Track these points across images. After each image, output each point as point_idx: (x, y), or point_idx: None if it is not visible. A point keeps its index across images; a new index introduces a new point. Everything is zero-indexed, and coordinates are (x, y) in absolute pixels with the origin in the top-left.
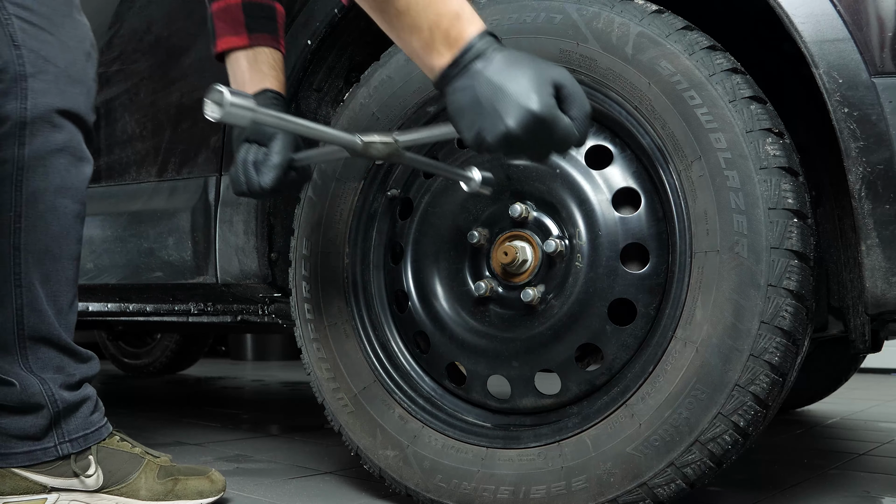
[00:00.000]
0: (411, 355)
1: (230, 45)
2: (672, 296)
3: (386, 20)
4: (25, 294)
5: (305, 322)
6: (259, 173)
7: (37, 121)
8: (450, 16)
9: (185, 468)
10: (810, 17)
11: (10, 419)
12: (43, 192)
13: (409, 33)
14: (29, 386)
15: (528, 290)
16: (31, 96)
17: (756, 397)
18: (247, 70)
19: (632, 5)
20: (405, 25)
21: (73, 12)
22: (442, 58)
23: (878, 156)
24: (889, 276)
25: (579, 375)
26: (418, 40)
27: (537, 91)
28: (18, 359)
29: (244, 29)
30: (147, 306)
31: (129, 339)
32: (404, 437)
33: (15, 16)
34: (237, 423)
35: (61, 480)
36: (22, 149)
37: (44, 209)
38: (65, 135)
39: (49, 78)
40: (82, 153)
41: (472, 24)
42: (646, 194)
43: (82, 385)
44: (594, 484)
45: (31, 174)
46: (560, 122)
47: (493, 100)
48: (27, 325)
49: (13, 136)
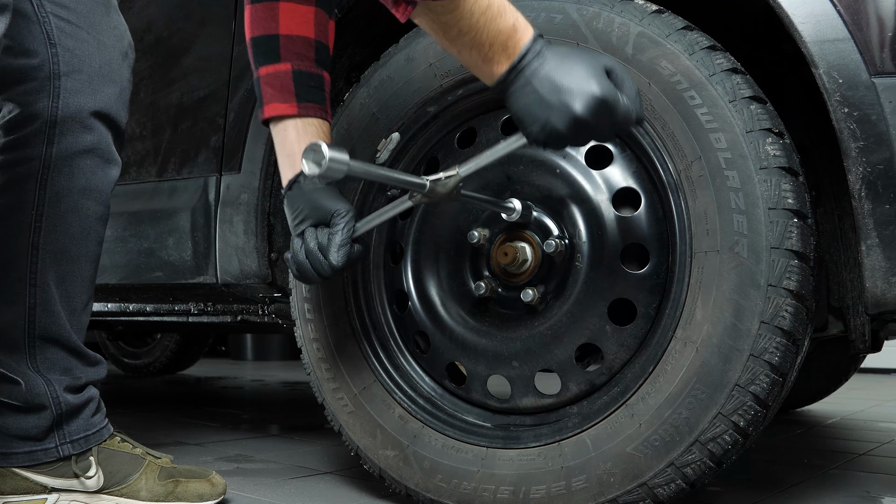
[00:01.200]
0: (411, 355)
1: (279, 113)
2: (672, 296)
3: (448, 38)
4: (39, 293)
5: (305, 322)
6: (328, 254)
7: (67, 120)
8: (508, 30)
9: (186, 470)
10: (810, 17)
11: (12, 418)
12: (67, 192)
13: (469, 49)
14: (34, 386)
15: (528, 290)
16: (64, 95)
17: (756, 397)
18: (295, 141)
19: (632, 5)
20: (466, 43)
21: (111, 12)
22: (501, 66)
23: (878, 156)
24: (889, 276)
25: (579, 375)
26: (479, 55)
27: (596, 77)
28: (26, 357)
29: (293, 97)
30: (147, 306)
31: (129, 339)
32: (404, 437)
33: (52, 14)
34: (237, 423)
35: (62, 481)
36: (50, 147)
37: (66, 209)
38: (94, 136)
39: (83, 77)
40: (110, 155)
41: (525, 33)
42: (646, 194)
43: (87, 388)
44: (594, 484)
45: (56, 173)
46: (620, 102)
47: (557, 92)
48: (38, 324)
49: (42, 134)
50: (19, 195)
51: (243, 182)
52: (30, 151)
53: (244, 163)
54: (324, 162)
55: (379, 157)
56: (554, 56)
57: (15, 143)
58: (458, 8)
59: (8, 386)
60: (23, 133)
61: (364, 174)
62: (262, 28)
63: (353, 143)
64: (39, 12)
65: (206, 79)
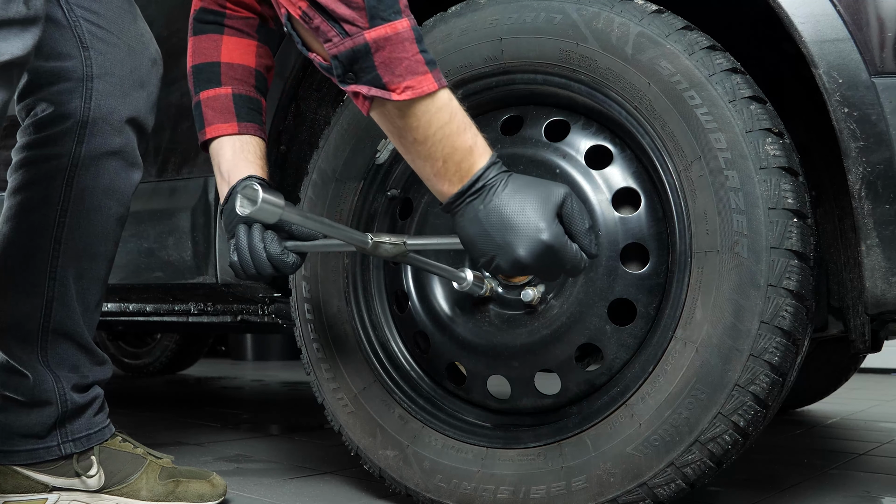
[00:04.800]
0: (411, 355)
1: (220, 133)
2: (672, 296)
3: (403, 145)
4: (58, 287)
5: (305, 322)
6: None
7: (97, 121)
8: (464, 150)
9: (187, 470)
10: (810, 17)
11: (16, 414)
12: (91, 191)
13: (423, 160)
14: (42, 381)
15: (527, 290)
16: (96, 97)
17: (756, 397)
18: (230, 158)
19: (632, 5)
20: (421, 153)
21: (137, 20)
22: (452, 186)
23: (878, 156)
24: (889, 276)
25: (579, 375)
26: (431, 168)
27: (545, 220)
28: (38, 351)
29: (234, 117)
30: (147, 306)
31: (129, 339)
32: (404, 437)
33: (83, 18)
34: (237, 423)
35: (63, 480)
36: (79, 147)
37: (89, 207)
38: (122, 139)
39: (114, 80)
40: (135, 159)
41: (482, 157)
42: (646, 194)
43: (93, 387)
44: (594, 484)
45: (83, 172)
46: (567, 250)
47: (503, 229)
48: (54, 318)
49: (73, 133)
50: (46, 190)
51: None
52: (59, 149)
53: None
54: (257, 203)
55: (379, 156)
56: (506, 187)
57: (45, 140)
58: (416, 115)
59: (16, 379)
60: (54, 131)
61: (300, 222)
62: (203, 57)
63: (354, 142)
64: (70, 17)
65: None
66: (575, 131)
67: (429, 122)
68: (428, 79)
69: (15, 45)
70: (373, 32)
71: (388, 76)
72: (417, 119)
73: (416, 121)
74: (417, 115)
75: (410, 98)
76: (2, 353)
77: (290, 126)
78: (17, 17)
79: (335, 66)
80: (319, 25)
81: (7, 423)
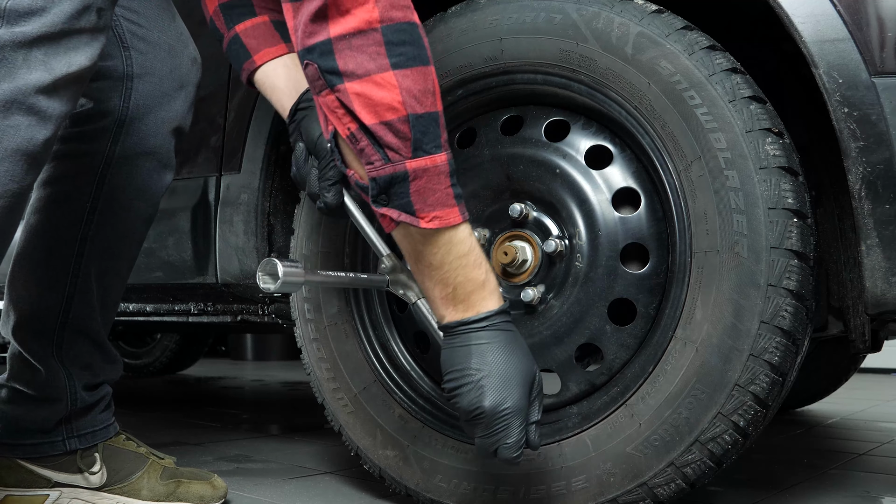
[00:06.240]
0: (411, 355)
1: (270, 56)
2: (672, 296)
3: (418, 267)
4: (81, 284)
5: (305, 322)
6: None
7: (134, 121)
8: (476, 282)
9: (189, 471)
10: (810, 17)
11: (24, 408)
12: (122, 190)
13: (434, 283)
14: (54, 378)
15: (527, 290)
16: (135, 97)
17: (756, 397)
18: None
19: (631, 5)
20: (433, 276)
21: (176, 18)
22: (455, 315)
23: (878, 156)
24: (889, 276)
25: (579, 375)
26: (441, 292)
27: (520, 390)
28: (53, 346)
29: (280, 40)
30: (147, 306)
31: (129, 339)
32: (404, 437)
33: (123, 17)
34: (237, 423)
35: (65, 476)
36: (114, 146)
37: (119, 207)
38: (157, 140)
39: (154, 80)
40: (169, 160)
41: (490, 300)
42: (646, 194)
43: (102, 386)
44: (594, 484)
45: (115, 171)
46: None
47: (480, 377)
48: (73, 314)
49: (109, 131)
50: (77, 186)
51: (243, 182)
52: (95, 146)
53: (244, 163)
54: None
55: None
56: (501, 345)
57: (81, 135)
58: (438, 243)
59: (29, 372)
60: (91, 127)
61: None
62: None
63: None
64: None
65: (206, 79)
66: (575, 131)
67: (448, 251)
68: (455, 212)
69: (85, 54)
70: (413, 163)
71: (419, 204)
72: (438, 247)
73: (437, 248)
74: (439, 244)
75: (437, 227)
76: (17, 344)
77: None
78: (87, 27)
79: (372, 186)
80: (364, 148)
81: (15, 416)
